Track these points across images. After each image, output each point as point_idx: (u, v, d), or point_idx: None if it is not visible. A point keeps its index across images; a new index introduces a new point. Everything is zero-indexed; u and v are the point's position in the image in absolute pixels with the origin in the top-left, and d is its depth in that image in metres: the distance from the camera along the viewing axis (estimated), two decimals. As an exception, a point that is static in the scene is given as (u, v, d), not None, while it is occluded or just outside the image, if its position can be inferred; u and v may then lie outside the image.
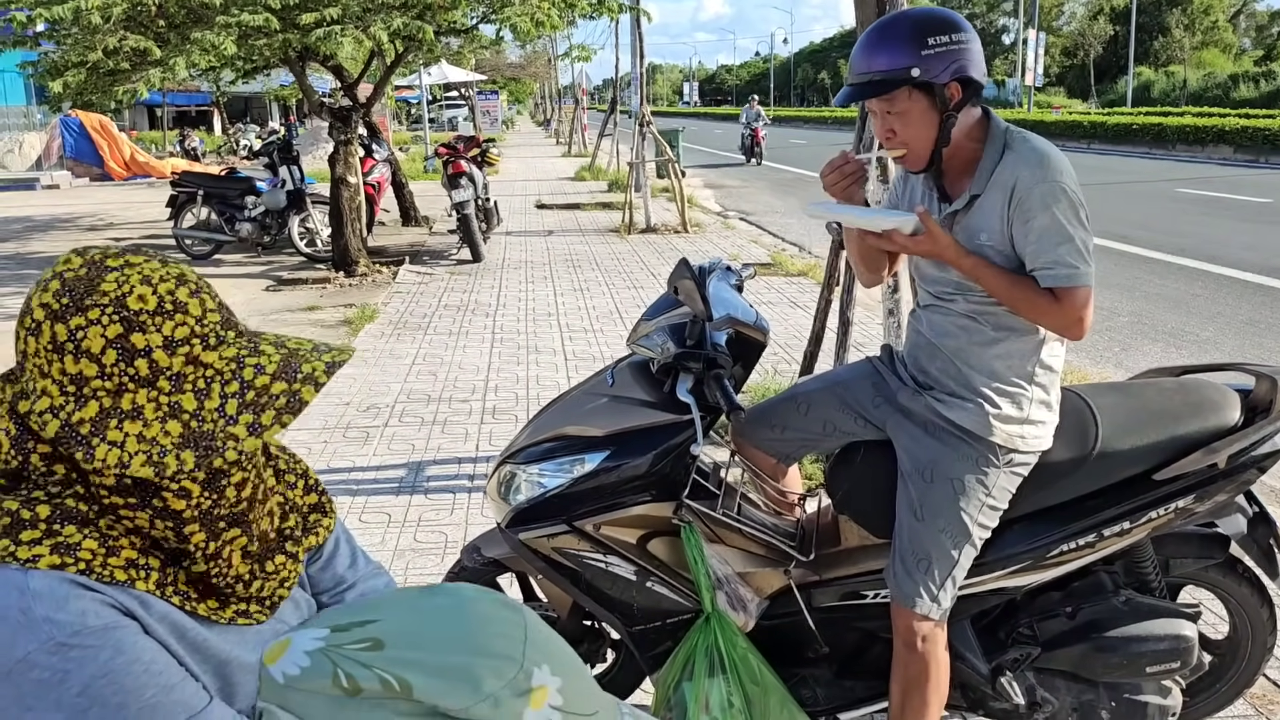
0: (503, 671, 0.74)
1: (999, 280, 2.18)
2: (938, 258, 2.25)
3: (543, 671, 0.72)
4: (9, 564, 1.06)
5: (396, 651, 0.92)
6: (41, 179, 24.02)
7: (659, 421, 2.37)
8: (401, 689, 0.82)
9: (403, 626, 0.98)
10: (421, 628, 0.97)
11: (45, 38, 10.16)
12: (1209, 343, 7.57)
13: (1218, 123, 30.76)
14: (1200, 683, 2.68)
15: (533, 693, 0.70)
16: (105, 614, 1.07)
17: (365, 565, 1.50)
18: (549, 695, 0.70)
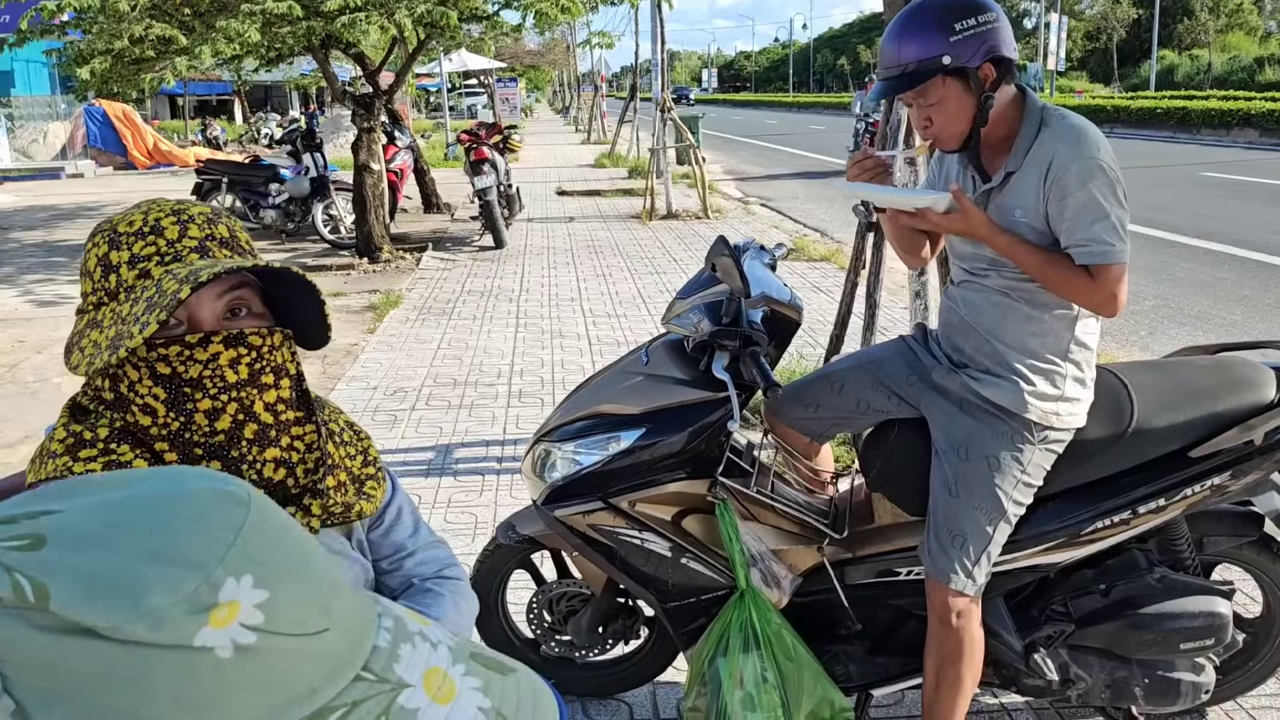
0: (179, 583, 0.58)
1: (1033, 257, 2.18)
2: (971, 236, 2.25)
3: (240, 583, 0.57)
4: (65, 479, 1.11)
5: (55, 552, 0.70)
6: (66, 168, 24.18)
7: (694, 399, 2.39)
8: (37, 598, 0.61)
9: (82, 521, 0.74)
10: (104, 522, 0.74)
11: (72, 26, 10.23)
12: (1236, 326, 7.52)
13: (1243, 106, 30.43)
14: (1233, 661, 2.69)
15: (215, 609, 0.56)
16: None
17: (427, 535, 1.53)
18: (240, 612, 0.56)
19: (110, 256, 1.18)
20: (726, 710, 2.34)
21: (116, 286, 1.18)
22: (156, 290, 1.15)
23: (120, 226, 1.20)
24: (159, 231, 1.19)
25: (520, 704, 0.62)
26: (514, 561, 2.83)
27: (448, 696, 0.58)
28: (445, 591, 1.46)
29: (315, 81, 27.54)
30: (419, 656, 0.59)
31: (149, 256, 1.19)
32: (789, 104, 78.63)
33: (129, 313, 1.15)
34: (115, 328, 1.16)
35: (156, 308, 1.12)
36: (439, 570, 1.50)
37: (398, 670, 0.58)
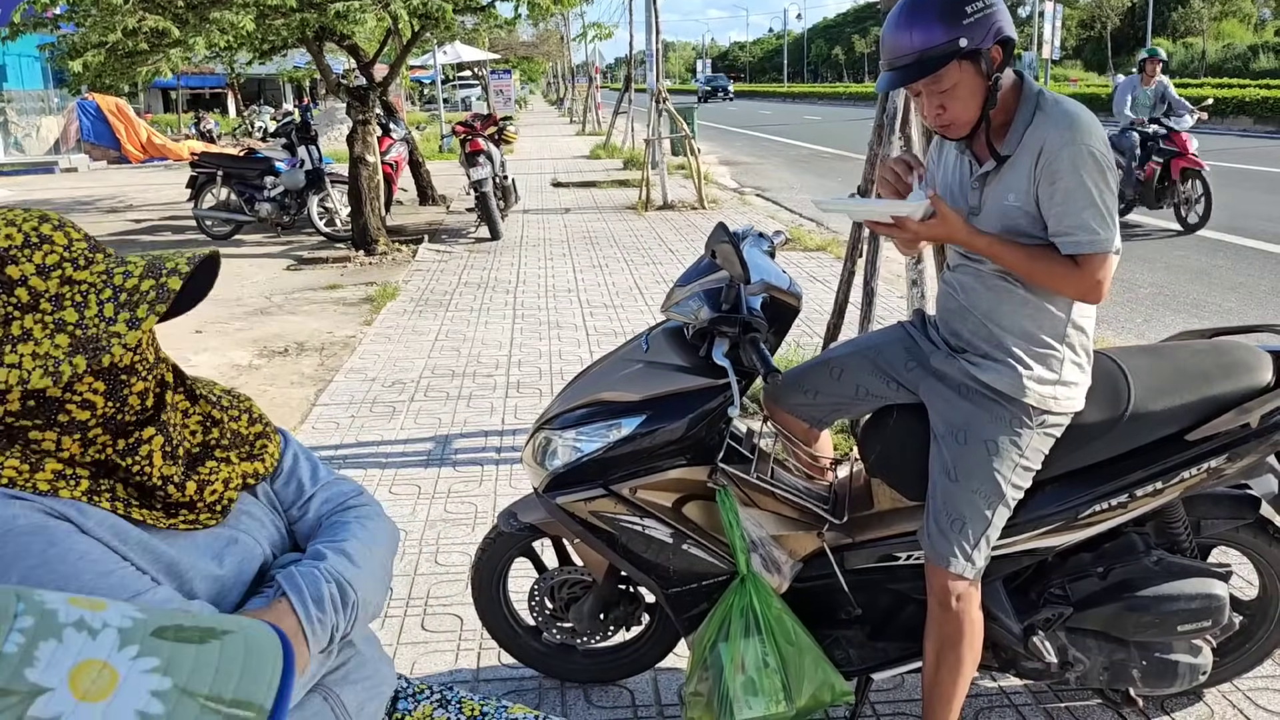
0: None
1: (1015, 255, 2.19)
2: (951, 241, 2.27)
3: None
4: None
5: None
6: (59, 162, 24.12)
7: (695, 386, 2.40)
8: None
9: None
10: None
11: (64, 20, 10.19)
12: (1231, 313, 7.54)
13: (1238, 94, 30.44)
14: (1230, 643, 2.70)
15: None
16: (35, 517, 1.19)
17: (327, 475, 1.60)
18: None
19: (8, 272, 1.18)
20: (728, 694, 2.36)
21: (33, 298, 1.19)
22: (117, 291, 1.23)
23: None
24: (47, 240, 1.22)
25: (220, 672, 0.58)
26: (515, 549, 2.84)
27: (104, 691, 0.53)
28: (350, 519, 1.52)
29: (309, 74, 27.50)
30: (65, 652, 0.54)
31: (57, 264, 1.21)
32: (783, 94, 78.52)
33: (89, 316, 1.21)
34: (67, 333, 1.19)
35: (145, 304, 1.22)
36: (343, 503, 1.56)
37: (31, 676, 0.53)
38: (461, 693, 1.70)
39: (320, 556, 1.42)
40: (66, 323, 1.20)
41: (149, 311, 1.23)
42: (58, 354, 1.18)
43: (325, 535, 1.49)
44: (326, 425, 5.34)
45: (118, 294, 1.23)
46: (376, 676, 1.55)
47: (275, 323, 7.84)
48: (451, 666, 3.07)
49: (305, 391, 6.03)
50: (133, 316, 1.22)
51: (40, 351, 1.18)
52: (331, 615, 1.34)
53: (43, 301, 1.20)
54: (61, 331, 1.19)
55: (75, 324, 1.20)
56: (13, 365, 1.17)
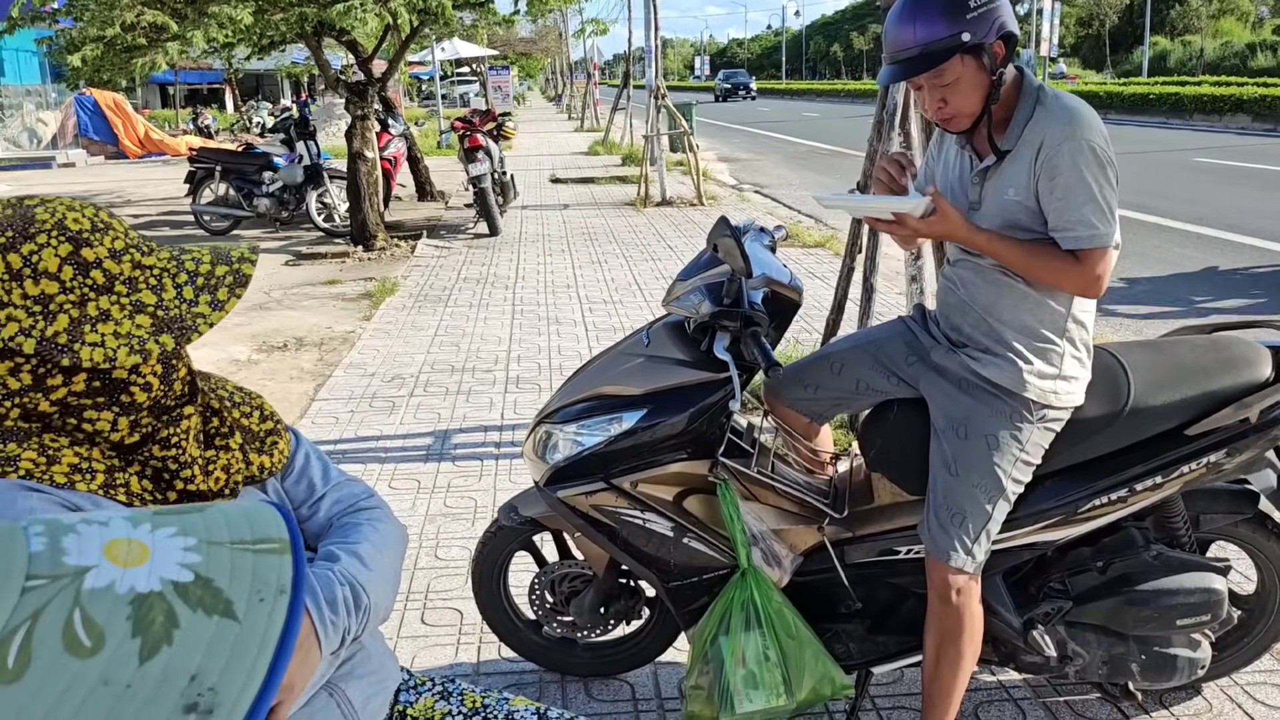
0: None
1: (1015, 252, 2.20)
2: (951, 238, 2.27)
3: None
4: None
5: None
6: (57, 157, 24.10)
7: (696, 380, 2.40)
8: None
9: None
10: None
11: (63, 14, 10.18)
12: (1229, 311, 7.55)
13: (1235, 92, 30.43)
14: (1228, 637, 2.71)
15: None
16: (52, 509, 1.19)
17: (339, 475, 1.62)
18: None
19: (83, 254, 1.20)
20: (729, 688, 2.37)
21: (108, 280, 1.21)
22: (192, 275, 1.27)
23: (70, 225, 1.21)
24: (110, 227, 1.25)
25: (231, 524, 0.61)
26: (516, 543, 2.85)
27: (141, 557, 0.57)
28: (361, 521, 1.53)
29: (307, 69, 27.44)
30: (89, 539, 0.57)
31: (125, 249, 1.24)
32: (782, 91, 78.50)
33: (167, 299, 1.24)
34: (148, 313, 1.22)
35: (224, 287, 1.27)
36: (354, 505, 1.57)
37: (69, 561, 0.56)
38: (463, 685, 1.71)
39: (333, 558, 1.42)
40: (145, 304, 1.23)
41: (229, 294, 1.28)
42: (140, 333, 1.21)
43: (337, 536, 1.50)
44: (326, 420, 5.35)
45: (193, 278, 1.27)
46: (381, 671, 1.55)
47: (274, 318, 7.84)
48: (452, 660, 3.08)
49: (304, 386, 6.03)
50: (214, 299, 1.27)
51: (122, 331, 1.20)
52: (344, 618, 1.34)
53: (117, 284, 1.22)
54: (141, 312, 1.22)
55: (155, 305, 1.23)
56: (95, 344, 1.19)
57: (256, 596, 0.56)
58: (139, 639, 0.53)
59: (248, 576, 0.57)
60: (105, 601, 0.54)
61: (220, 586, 0.56)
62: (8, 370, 1.19)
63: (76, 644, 0.52)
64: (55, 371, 1.20)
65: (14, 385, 1.20)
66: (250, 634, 0.54)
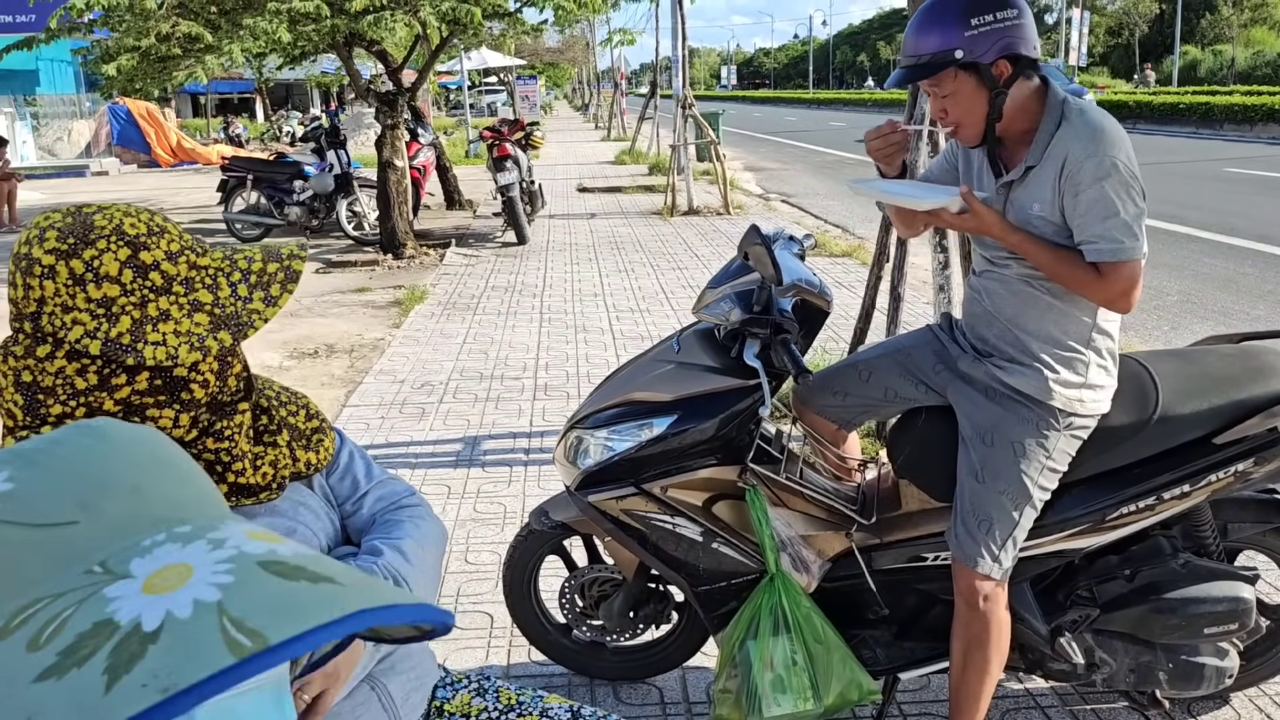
0: None
1: (1045, 255, 2.22)
2: (984, 234, 2.29)
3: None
4: None
5: None
6: (91, 165, 24.43)
7: (725, 386, 2.44)
8: None
9: None
10: None
11: (99, 25, 10.35)
12: (1259, 321, 7.51)
13: (1267, 101, 30.16)
14: (1256, 647, 2.71)
15: None
16: None
17: (381, 474, 1.68)
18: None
19: (141, 258, 1.25)
20: (757, 692, 2.39)
21: (165, 281, 1.26)
22: (245, 274, 1.32)
23: (128, 230, 1.25)
24: (165, 231, 1.30)
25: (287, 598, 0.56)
26: (547, 547, 2.88)
27: (171, 587, 0.54)
28: (404, 518, 1.57)
29: (338, 79, 27.69)
30: (167, 555, 0.56)
31: (181, 251, 1.29)
32: (809, 101, 78.44)
33: (224, 297, 1.29)
34: (206, 311, 1.27)
35: (277, 284, 1.32)
36: (396, 502, 1.62)
37: (131, 566, 0.55)
38: (499, 683, 1.74)
39: (377, 552, 1.46)
40: (202, 303, 1.27)
41: (282, 290, 1.32)
42: (200, 330, 1.25)
43: (380, 532, 1.54)
44: (357, 426, 5.41)
45: (246, 276, 1.32)
46: (421, 668, 1.59)
47: (305, 325, 7.93)
48: (482, 663, 3.12)
49: (336, 393, 6.10)
50: (268, 295, 1.31)
51: (181, 330, 1.25)
52: None
53: (175, 285, 1.27)
54: (199, 311, 1.27)
55: (211, 304, 1.28)
56: (157, 343, 1.23)
57: (152, 675, 0.50)
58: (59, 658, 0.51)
59: (181, 652, 0.52)
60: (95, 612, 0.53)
61: (158, 647, 0.51)
62: (75, 371, 1.24)
63: (36, 641, 0.52)
64: (120, 371, 1.25)
65: (80, 385, 1.25)
66: (101, 707, 0.49)
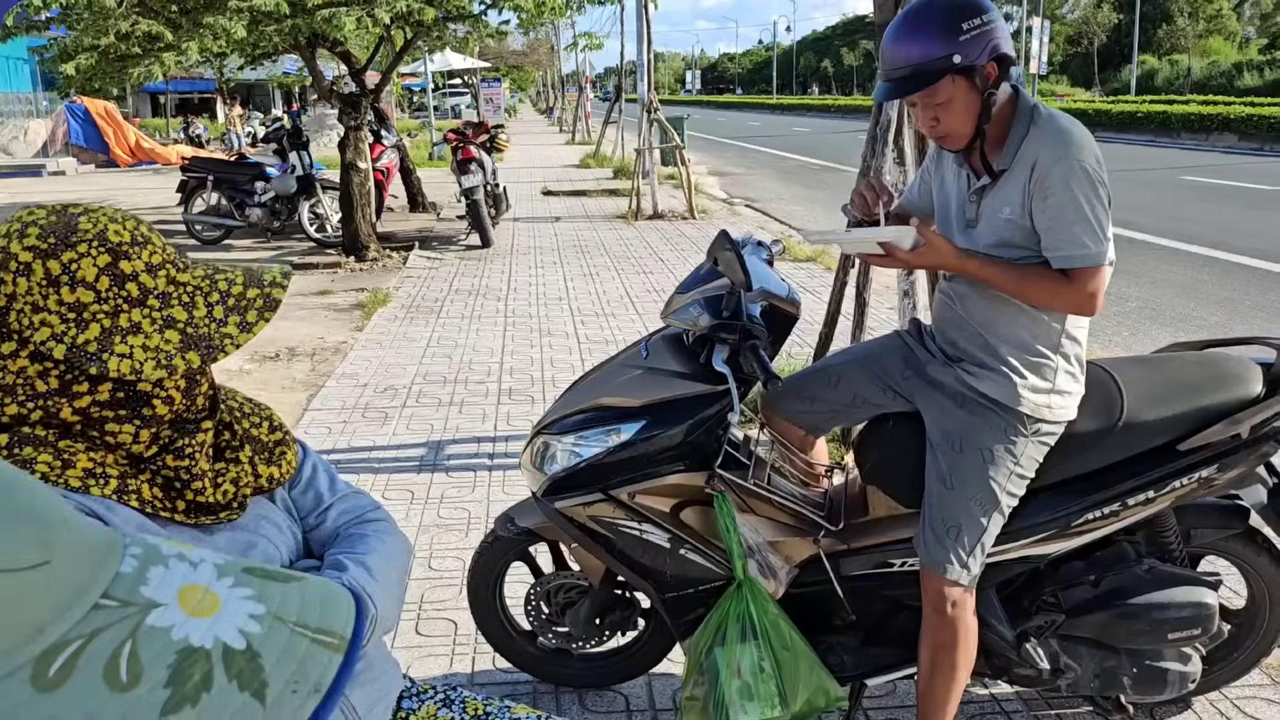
0: None
1: (1007, 276, 2.23)
2: (941, 267, 2.30)
3: None
4: None
5: None
6: (47, 165, 24.03)
7: (694, 392, 2.42)
8: None
9: None
10: None
11: (56, 23, 10.19)
12: (1217, 327, 7.61)
13: (1222, 110, 30.68)
14: (1219, 651, 2.74)
15: None
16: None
17: (345, 487, 1.64)
18: None
19: (121, 267, 1.22)
20: (724, 699, 2.38)
21: (142, 294, 1.23)
22: (224, 295, 1.29)
23: (111, 237, 1.23)
24: (149, 241, 1.27)
25: (304, 605, 0.61)
26: (512, 554, 2.85)
27: (209, 610, 0.57)
28: (369, 532, 1.55)
29: (299, 80, 27.48)
30: (173, 576, 0.58)
31: (162, 264, 1.26)
32: (773, 106, 78.79)
33: (199, 316, 1.26)
34: (178, 329, 1.24)
35: (254, 310, 1.30)
36: (361, 516, 1.59)
37: (145, 593, 0.57)
38: (465, 693, 1.72)
39: (341, 567, 1.43)
40: (176, 320, 1.24)
41: (259, 317, 1.30)
42: (169, 348, 1.22)
43: (344, 546, 1.50)
44: (319, 430, 5.35)
45: (225, 298, 1.29)
46: (385, 679, 1.56)
47: (267, 328, 7.78)
48: (446, 670, 3.08)
49: (297, 397, 6.03)
50: (243, 320, 1.29)
51: (150, 345, 1.22)
52: None
53: (150, 298, 1.24)
54: (171, 328, 1.24)
55: (185, 322, 1.25)
56: (124, 355, 1.20)
57: (290, 687, 0.56)
58: (170, 690, 0.53)
59: (293, 664, 0.57)
60: (157, 643, 0.55)
61: (264, 664, 0.56)
62: (37, 373, 1.21)
63: (115, 676, 0.53)
64: (82, 379, 1.22)
65: (41, 388, 1.21)
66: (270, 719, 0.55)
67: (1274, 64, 56.44)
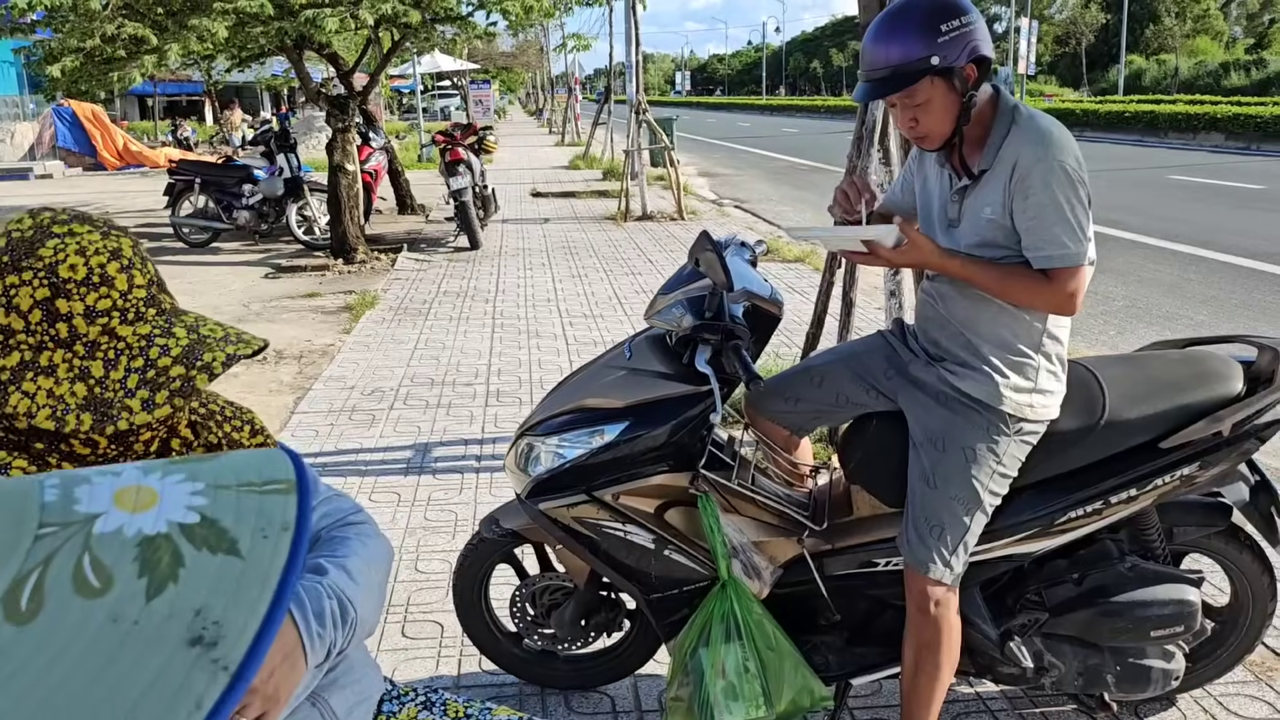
0: None
1: (988, 276, 2.24)
2: (924, 265, 2.31)
3: None
4: None
5: None
6: (34, 169, 23.93)
7: (677, 393, 2.42)
8: None
9: None
10: None
11: (42, 25, 10.14)
12: (1203, 326, 7.64)
13: (1209, 110, 30.83)
14: (1202, 649, 2.75)
15: None
16: None
17: (326, 491, 1.62)
18: None
19: (57, 305, 1.18)
20: (709, 699, 2.38)
21: (71, 337, 1.20)
22: (147, 364, 1.22)
23: (61, 271, 1.19)
24: (109, 283, 1.21)
25: (241, 470, 0.63)
26: (497, 556, 2.85)
27: (150, 503, 0.58)
28: (350, 535, 1.53)
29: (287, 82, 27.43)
30: (100, 488, 0.59)
31: (106, 311, 1.21)
32: (762, 106, 78.89)
33: (113, 378, 1.21)
34: (88, 385, 1.20)
35: (168, 390, 1.21)
36: (342, 519, 1.57)
37: (80, 509, 0.57)
38: (446, 695, 1.71)
39: (321, 571, 1.42)
40: (90, 374, 1.20)
41: (168, 400, 1.23)
42: (70, 401, 1.19)
43: (325, 549, 1.49)
44: (306, 433, 5.33)
45: (146, 369, 1.23)
46: (364, 681, 1.55)
47: (254, 330, 7.77)
48: (432, 673, 3.08)
49: (284, 399, 6.01)
50: (150, 399, 1.22)
51: (57, 392, 1.18)
52: (330, 631, 1.34)
53: (78, 343, 1.20)
54: (83, 381, 1.20)
55: (98, 380, 1.20)
56: (27, 394, 1.17)
57: (260, 534, 0.58)
58: (145, 578, 0.55)
59: (252, 516, 0.59)
60: (113, 545, 0.56)
61: (225, 526, 0.58)
62: None
63: (86, 585, 0.54)
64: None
65: None
66: (254, 569, 0.56)
67: (1260, 63, 56.75)
